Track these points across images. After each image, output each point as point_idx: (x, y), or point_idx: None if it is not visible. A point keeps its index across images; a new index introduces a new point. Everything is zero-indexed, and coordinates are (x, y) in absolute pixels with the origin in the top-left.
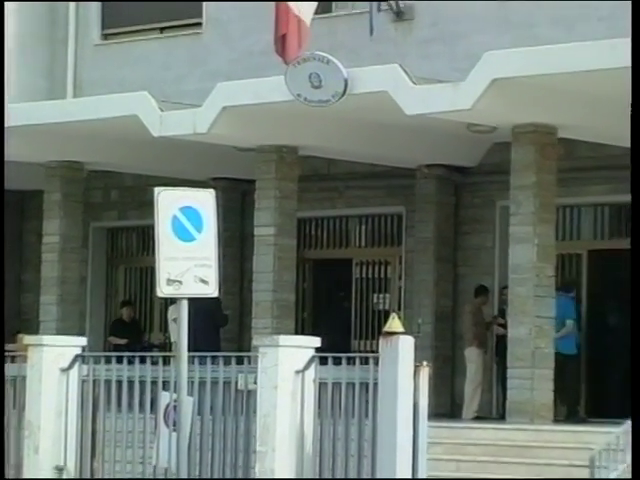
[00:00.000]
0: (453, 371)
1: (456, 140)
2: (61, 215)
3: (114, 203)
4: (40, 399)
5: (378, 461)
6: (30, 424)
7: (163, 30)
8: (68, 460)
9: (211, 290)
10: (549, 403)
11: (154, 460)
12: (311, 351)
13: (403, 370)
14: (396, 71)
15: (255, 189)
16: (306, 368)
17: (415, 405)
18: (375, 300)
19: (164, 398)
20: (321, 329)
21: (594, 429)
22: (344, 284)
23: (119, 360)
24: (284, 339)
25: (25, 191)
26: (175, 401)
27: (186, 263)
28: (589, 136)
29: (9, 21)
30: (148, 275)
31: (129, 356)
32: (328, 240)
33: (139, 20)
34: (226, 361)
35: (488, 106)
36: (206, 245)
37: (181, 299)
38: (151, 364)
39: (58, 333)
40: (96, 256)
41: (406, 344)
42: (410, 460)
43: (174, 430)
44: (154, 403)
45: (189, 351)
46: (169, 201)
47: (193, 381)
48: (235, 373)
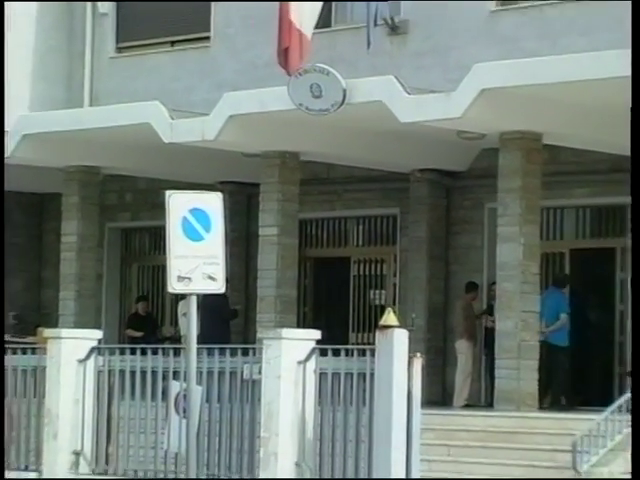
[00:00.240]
0: (444, 362)
1: (447, 146)
2: (78, 216)
3: (128, 205)
4: (59, 388)
5: (374, 446)
6: (49, 412)
7: (173, 43)
8: (85, 445)
9: (218, 286)
10: (534, 392)
11: (165, 445)
12: (312, 343)
13: (398, 361)
14: (391, 82)
15: (259, 192)
16: (307, 359)
17: (409, 394)
18: (372, 296)
19: (174, 387)
20: (321, 323)
21: (576, 416)
22: (343, 281)
23: (133, 351)
24: (287, 332)
25: (45, 194)
26: (185, 390)
27: (195, 261)
28: (572, 142)
29: (30, 35)
30: (160, 272)
31: (142, 348)
32: (328, 240)
33: (151, 34)
34: (232, 352)
35: (477, 114)
36: (214, 244)
37: (190, 295)
38: (162, 355)
39: (76, 327)
40: (111, 255)
41: (401, 337)
42: (404, 445)
43: (184, 417)
44: (165, 392)
45: (199, 343)
46: (179, 203)
47: (202, 371)
48: (241, 364)
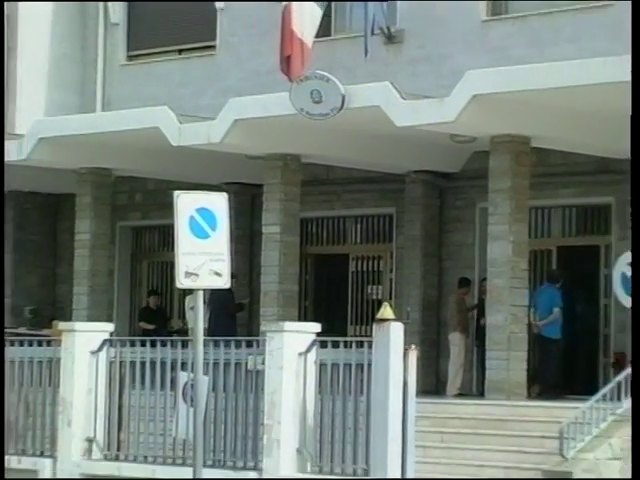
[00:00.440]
0: (438, 353)
1: (441, 149)
2: (91, 216)
3: (138, 205)
4: (73, 378)
5: (372, 433)
6: (64, 400)
7: (181, 52)
8: (97, 432)
9: (224, 282)
10: (523, 381)
11: (173, 432)
12: (312, 336)
13: (394, 353)
14: (387, 88)
15: (263, 192)
16: (308, 351)
17: (404, 383)
18: (369, 291)
19: (182, 377)
20: (321, 316)
21: (563, 405)
22: (342, 276)
23: (143, 343)
24: (289, 325)
25: (59, 194)
26: (192, 380)
27: (202, 258)
28: (559, 145)
29: (45, 44)
30: (168, 268)
31: (152, 340)
32: (327, 238)
33: (160, 43)
34: (237, 344)
35: (469, 119)
36: (219, 242)
37: (197, 290)
38: (171, 347)
39: (89, 320)
40: (122, 252)
41: (396, 330)
42: (400, 432)
43: (191, 406)
44: (173, 382)
45: (206, 335)
46: (187, 203)
47: (208, 362)
48: (245, 355)
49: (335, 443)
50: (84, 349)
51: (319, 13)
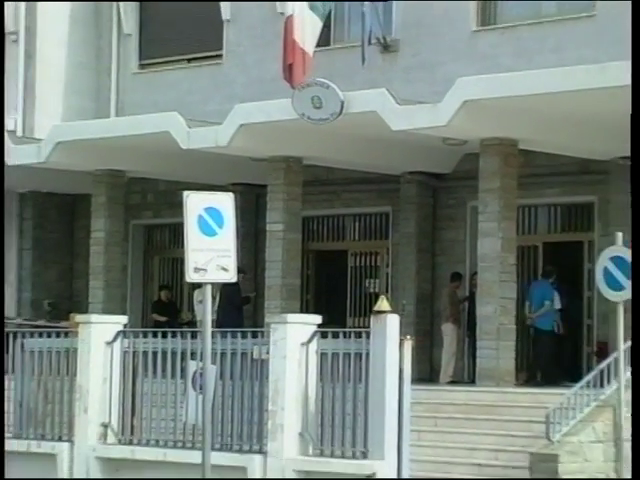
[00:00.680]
0: (432, 343)
1: (434, 151)
2: (106, 215)
3: (150, 204)
4: (89, 367)
5: (370, 418)
6: (80, 388)
7: (190, 61)
8: (112, 418)
9: (230, 276)
10: (511, 369)
11: (183, 418)
12: (314, 327)
13: (390, 342)
14: (384, 94)
15: (267, 192)
16: (310, 341)
17: (400, 371)
18: (367, 284)
19: (192, 366)
20: (322, 309)
21: (549, 391)
22: (341, 271)
23: (155, 334)
24: (291, 317)
25: (76, 195)
26: (201, 369)
27: (210, 254)
28: (545, 148)
29: (62, 53)
30: (178, 264)
31: (163, 331)
32: (328, 235)
33: (170, 52)
34: (243, 335)
35: (460, 123)
36: (226, 239)
37: (205, 284)
38: (181, 338)
39: (104, 312)
40: (135, 249)
41: (393, 321)
42: (396, 417)
43: (200, 393)
44: (183, 370)
45: (215, 327)
46: (195, 202)
47: (216, 352)
48: (251, 345)
49: (335, 427)
50: (99, 340)
51: (319, 24)
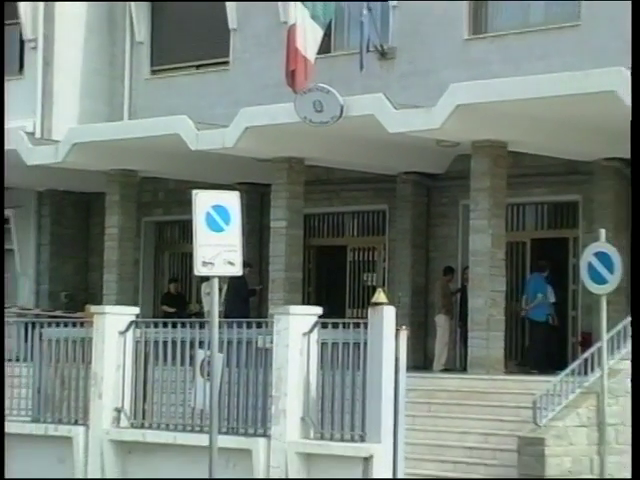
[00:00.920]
0: (426, 333)
1: (428, 153)
2: (119, 212)
3: (161, 202)
4: (103, 356)
5: (367, 403)
6: (95, 375)
7: (199, 67)
8: (125, 403)
9: (236, 270)
10: (501, 358)
11: (192, 403)
12: (315, 318)
13: (387, 333)
14: (381, 99)
15: (271, 191)
16: (311, 331)
17: (396, 360)
18: (365, 278)
19: (200, 354)
20: (322, 300)
21: (536, 378)
22: (340, 265)
23: (165, 324)
24: (294, 308)
25: (91, 193)
26: (209, 357)
27: (217, 249)
28: (532, 149)
29: (78, 60)
30: (187, 258)
31: (173, 321)
32: (328, 231)
33: (180, 59)
34: (248, 325)
35: (453, 126)
36: (232, 235)
37: (213, 277)
38: (190, 328)
39: (117, 304)
40: (147, 244)
41: (389, 312)
42: (392, 402)
43: (208, 379)
44: (192, 358)
45: (222, 317)
46: (204, 200)
47: (223, 341)
48: (255, 335)
49: (335, 412)
50: (113, 330)
51: (320, 33)
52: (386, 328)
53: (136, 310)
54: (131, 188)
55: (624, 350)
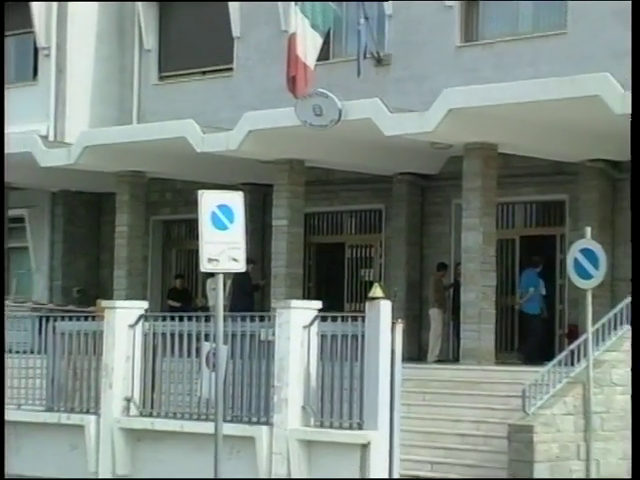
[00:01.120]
0: (420, 326)
1: (422, 154)
2: (129, 211)
3: (168, 202)
4: (113, 348)
5: (365, 393)
6: (106, 366)
7: (204, 73)
8: (134, 393)
9: (240, 266)
10: (492, 349)
11: (198, 393)
12: (315, 311)
13: (383, 326)
14: (377, 103)
15: (273, 191)
16: (311, 324)
17: (392, 351)
18: (362, 273)
19: (206, 347)
20: (322, 295)
21: (525, 369)
22: (339, 262)
23: (172, 318)
24: (295, 303)
25: (102, 193)
26: (214, 349)
27: (222, 246)
28: (521, 151)
29: (89, 67)
30: (194, 255)
31: (180, 315)
32: (327, 229)
33: (186, 66)
34: (252, 319)
35: (446, 129)
36: (236, 233)
37: (218, 273)
38: (196, 321)
39: (127, 298)
40: (155, 241)
41: (385, 306)
42: (388, 392)
43: (213, 370)
44: (198, 350)
45: (226, 311)
46: (209, 200)
47: (227, 334)
48: (258, 328)
49: (334, 401)
50: (123, 323)
51: (319, 40)
52: (382, 321)
53: (145, 304)
54: (140, 188)
55: (609, 342)
